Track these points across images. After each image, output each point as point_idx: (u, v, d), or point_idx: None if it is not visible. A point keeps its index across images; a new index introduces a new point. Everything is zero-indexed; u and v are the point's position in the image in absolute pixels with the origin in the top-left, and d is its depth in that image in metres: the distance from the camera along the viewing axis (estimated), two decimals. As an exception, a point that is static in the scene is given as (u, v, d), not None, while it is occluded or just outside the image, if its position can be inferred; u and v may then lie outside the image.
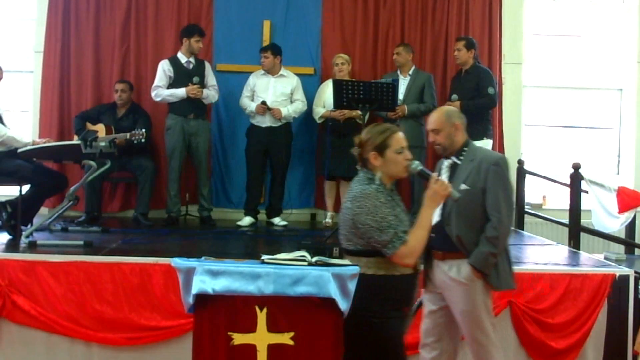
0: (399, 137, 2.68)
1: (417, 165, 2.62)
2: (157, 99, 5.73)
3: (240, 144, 6.00)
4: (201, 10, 6.28)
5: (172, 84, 5.67)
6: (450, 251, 2.99)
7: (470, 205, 2.95)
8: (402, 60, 5.82)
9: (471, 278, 2.94)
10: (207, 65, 5.88)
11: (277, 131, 5.75)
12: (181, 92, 5.60)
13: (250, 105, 5.76)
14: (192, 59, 5.76)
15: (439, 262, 3.03)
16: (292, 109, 5.79)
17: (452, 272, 2.98)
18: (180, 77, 5.67)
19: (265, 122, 5.73)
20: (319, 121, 5.87)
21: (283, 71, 5.87)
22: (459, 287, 2.97)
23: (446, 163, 3.10)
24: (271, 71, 5.79)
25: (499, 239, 2.93)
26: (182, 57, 5.74)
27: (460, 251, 2.96)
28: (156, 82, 5.69)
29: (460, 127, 3.08)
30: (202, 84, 5.73)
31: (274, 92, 5.75)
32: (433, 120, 3.11)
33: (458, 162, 3.05)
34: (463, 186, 2.96)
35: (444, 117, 3.09)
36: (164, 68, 5.69)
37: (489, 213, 2.94)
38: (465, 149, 3.06)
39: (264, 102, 5.64)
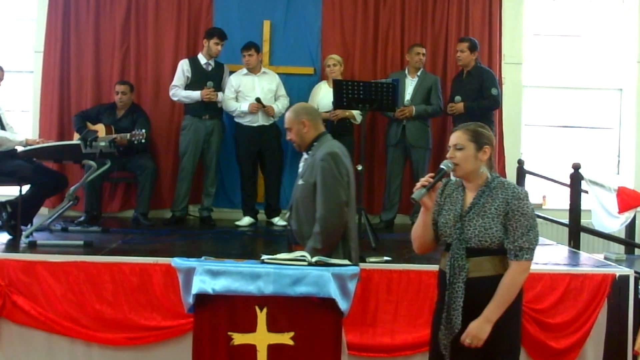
0: (452, 136, 2.60)
1: (444, 162, 2.56)
2: (174, 99, 5.79)
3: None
4: (201, 10, 6.28)
5: (189, 85, 5.69)
6: (298, 244, 3.12)
7: (305, 200, 3.06)
8: (424, 61, 5.81)
9: None
10: (227, 69, 5.88)
11: (268, 130, 5.72)
12: (196, 94, 5.62)
13: (240, 106, 5.70)
14: (211, 62, 5.76)
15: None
16: (281, 106, 5.76)
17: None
18: (198, 78, 5.68)
19: (257, 121, 5.69)
20: None
21: (263, 69, 5.87)
22: None
23: (303, 158, 3.25)
24: (254, 70, 5.76)
25: (322, 235, 2.97)
26: (202, 59, 5.76)
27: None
28: (174, 81, 5.73)
29: (308, 123, 3.19)
30: (219, 88, 5.74)
31: (262, 90, 5.72)
32: (285, 119, 3.26)
33: (307, 156, 3.19)
34: (300, 181, 3.11)
35: (293, 115, 3.22)
36: (182, 68, 5.71)
37: (317, 208, 3.00)
38: (315, 144, 3.18)
39: (258, 100, 5.61)
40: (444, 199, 2.61)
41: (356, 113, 5.68)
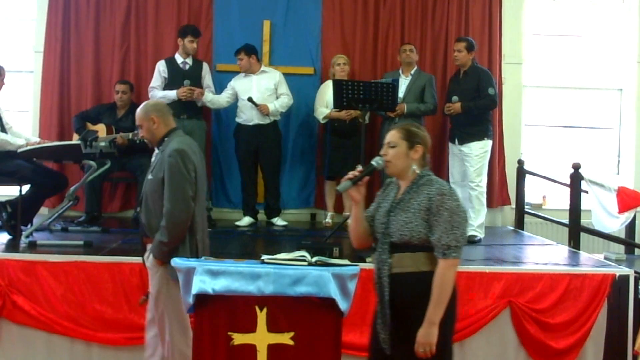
0: (387, 134, 2.70)
1: (374, 159, 2.67)
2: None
3: (239, 143, 5.99)
4: (201, 10, 6.28)
5: (167, 85, 5.67)
6: (148, 237, 3.21)
7: (154, 195, 3.16)
8: (414, 58, 5.80)
9: (154, 264, 3.17)
10: (205, 66, 5.86)
11: (265, 129, 5.67)
12: (172, 94, 5.58)
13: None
14: (188, 60, 5.75)
15: (147, 247, 3.26)
16: (278, 105, 5.70)
17: (147, 257, 3.22)
18: (175, 77, 5.65)
19: (252, 119, 5.66)
20: (322, 122, 5.81)
21: (264, 68, 5.83)
22: (150, 271, 3.25)
23: (155, 153, 3.33)
24: (251, 70, 5.73)
25: (168, 228, 3.07)
26: (178, 58, 5.74)
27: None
28: (152, 83, 5.72)
29: (157, 119, 3.27)
30: (198, 85, 5.73)
31: (259, 89, 5.68)
32: (136, 117, 3.34)
33: (158, 151, 3.28)
34: (150, 176, 3.19)
35: (142, 113, 3.30)
36: (159, 69, 5.70)
37: (164, 203, 3.11)
38: (166, 139, 3.26)
39: (250, 99, 5.58)
40: (383, 197, 2.72)
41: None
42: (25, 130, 5.93)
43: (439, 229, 2.47)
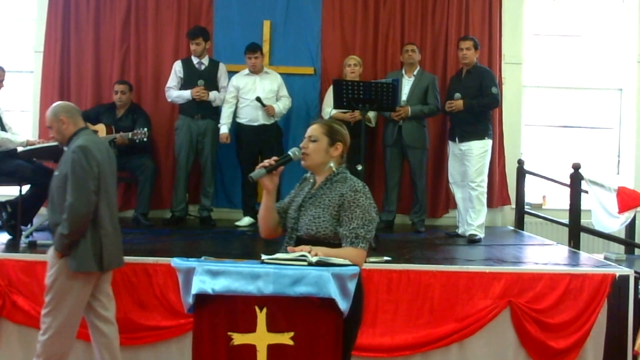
0: (309, 128, 2.72)
1: (292, 150, 2.70)
2: (169, 100, 5.83)
3: (239, 143, 5.99)
4: (201, 10, 6.28)
5: (183, 85, 5.72)
6: (54, 232, 3.27)
7: (58, 190, 3.26)
8: (416, 58, 5.78)
9: (54, 256, 3.26)
10: (222, 66, 5.88)
11: (269, 130, 5.69)
12: (187, 93, 5.65)
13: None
14: (204, 60, 5.77)
15: None
16: (282, 106, 5.74)
17: (49, 250, 3.30)
18: (190, 77, 5.70)
19: (257, 120, 5.68)
20: None
21: (265, 69, 5.84)
22: (49, 263, 3.32)
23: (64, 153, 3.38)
24: (255, 71, 5.75)
25: (69, 221, 3.16)
26: (194, 58, 5.78)
27: None
28: (168, 83, 5.79)
29: (66, 120, 3.39)
30: (214, 86, 5.73)
31: (263, 90, 5.69)
32: (46, 119, 3.44)
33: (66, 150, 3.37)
34: (56, 172, 3.29)
35: (51, 114, 3.42)
36: (175, 69, 5.76)
37: (66, 197, 3.20)
38: (74, 138, 3.35)
39: (258, 99, 5.59)
40: (298, 192, 2.77)
41: (372, 115, 5.64)
42: (26, 131, 5.94)
43: (349, 223, 2.53)
